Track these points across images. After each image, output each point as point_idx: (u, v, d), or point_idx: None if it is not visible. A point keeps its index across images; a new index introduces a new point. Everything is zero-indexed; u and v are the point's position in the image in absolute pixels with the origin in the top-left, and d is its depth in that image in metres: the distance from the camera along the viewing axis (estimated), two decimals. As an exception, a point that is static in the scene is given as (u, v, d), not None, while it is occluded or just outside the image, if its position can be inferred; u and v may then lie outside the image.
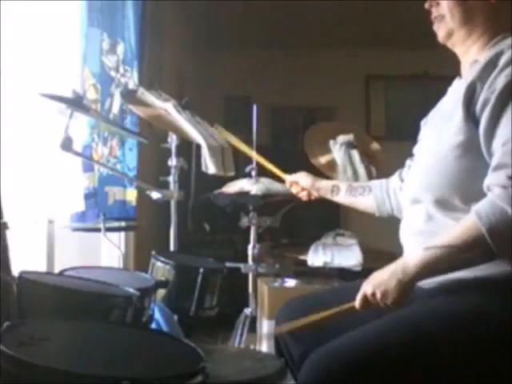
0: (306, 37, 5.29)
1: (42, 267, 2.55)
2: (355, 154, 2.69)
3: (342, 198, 1.87)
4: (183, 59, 4.98)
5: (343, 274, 2.60)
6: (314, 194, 1.99)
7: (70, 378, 0.95)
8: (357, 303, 1.36)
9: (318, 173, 2.74)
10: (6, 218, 1.60)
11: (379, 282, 1.32)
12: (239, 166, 2.61)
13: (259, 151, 2.59)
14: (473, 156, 1.31)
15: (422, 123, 1.60)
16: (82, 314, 1.33)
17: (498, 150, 1.25)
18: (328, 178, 2.73)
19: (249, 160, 2.56)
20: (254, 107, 2.63)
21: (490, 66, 1.30)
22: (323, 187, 1.93)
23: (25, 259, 2.26)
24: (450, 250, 1.24)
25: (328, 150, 2.74)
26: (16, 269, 1.51)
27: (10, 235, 1.60)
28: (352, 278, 2.41)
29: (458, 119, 1.33)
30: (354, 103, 5.83)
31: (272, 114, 5.81)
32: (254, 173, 2.55)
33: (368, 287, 1.34)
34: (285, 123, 5.96)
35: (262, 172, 2.59)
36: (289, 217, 2.62)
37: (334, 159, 2.73)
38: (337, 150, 2.71)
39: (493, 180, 1.24)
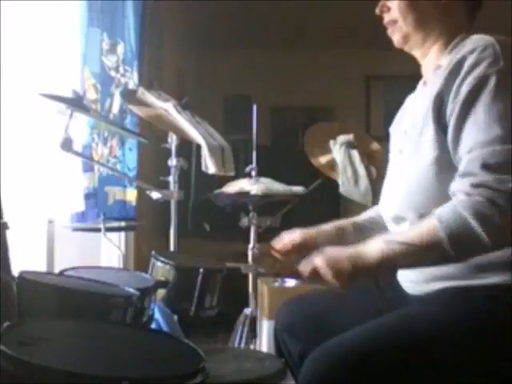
0: (306, 37, 5.29)
1: (42, 267, 2.55)
2: (355, 153, 2.69)
3: (350, 240, 1.52)
4: (183, 59, 4.98)
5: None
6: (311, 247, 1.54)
7: (70, 377, 0.95)
8: (305, 271, 1.35)
9: (318, 173, 2.74)
10: (5, 218, 1.60)
11: (334, 260, 1.30)
12: (239, 166, 2.61)
13: (259, 151, 2.59)
14: (450, 170, 1.29)
15: (392, 130, 1.58)
16: (82, 314, 1.33)
17: (464, 157, 1.24)
18: (327, 178, 2.74)
19: (249, 160, 2.57)
20: (254, 107, 2.63)
21: (453, 74, 1.29)
22: (327, 237, 1.61)
23: (25, 259, 2.26)
24: (408, 248, 1.23)
25: (328, 150, 2.74)
26: (16, 269, 1.51)
27: (9, 235, 1.60)
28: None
29: (430, 134, 1.31)
30: (354, 103, 5.83)
31: (272, 114, 5.80)
32: (253, 173, 2.55)
33: (322, 262, 1.31)
34: (285, 123, 5.96)
35: (262, 172, 2.59)
36: (289, 217, 2.62)
37: (334, 159, 2.73)
38: (337, 150, 2.72)
39: (458, 186, 1.23)
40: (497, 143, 1.20)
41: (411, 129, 1.40)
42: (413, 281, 1.41)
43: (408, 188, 1.39)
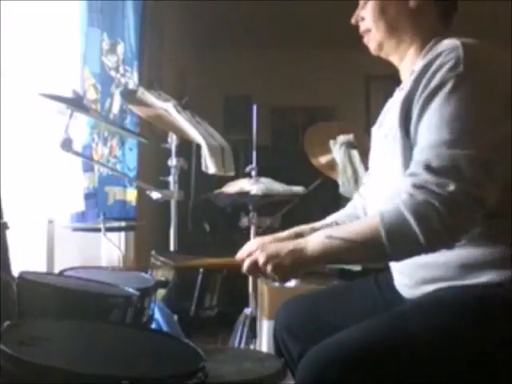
0: (306, 37, 5.30)
1: (42, 267, 2.55)
2: (355, 154, 2.69)
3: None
4: (183, 59, 4.98)
5: (343, 273, 2.59)
6: None
7: (70, 377, 0.95)
8: (245, 266, 1.36)
9: (318, 173, 2.75)
10: (6, 218, 1.60)
11: (275, 254, 1.31)
12: (239, 166, 2.61)
13: (259, 151, 2.59)
14: None
15: (373, 130, 1.58)
16: (82, 314, 1.33)
17: (414, 156, 1.26)
18: (327, 178, 2.74)
19: (249, 160, 2.57)
20: (254, 107, 2.64)
21: (420, 79, 1.29)
22: (281, 241, 1.54)
23: (25, 259, 2.26)
24: (348, 244, 1.24)
25: (328, 150, 2.74)
26: (16, 269, 1.52)
27: (10, 235, 1.60)
28: (352, 278, 2.41)
29: (399, 138, 1.32)
30: (354, 103, 5.83)
31: (272, 113, 5.81)
32: (253, 173, 2.55)
33: (262, 256, 1.32)
34: (285, 123, 5.96)
35: (262, 172, 2.59)
36: (289, 217, 2.62)
37: (333, 159, 2.73)
38: (337, 150, 2.72)
39: (402, 186, 1.24)
40: (443, 147, 1.20)
41: (389, 134, 1.40)
42: (406, 284, 1.42)
43: (389, 192, 1.39)
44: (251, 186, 2.48)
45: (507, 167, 1.23)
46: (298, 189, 2.52)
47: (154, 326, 1.76)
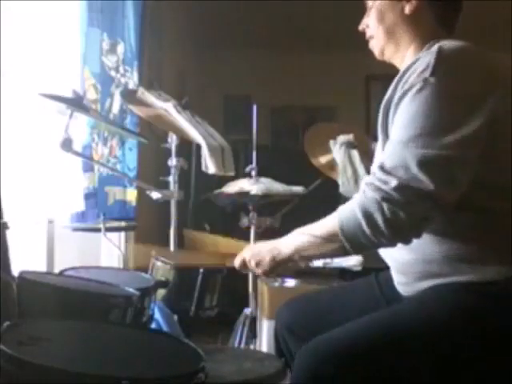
0: (306, 37, 5.29)
1: (42, 267, 2.55)
2: (355, 153, 2.68)
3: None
4: (183, 59, 4.98)
5: (343, 273, 2.59)
6: None
7: (70, 377, 0.95)
8: (236, 263, 1.55)
9: (318, 173, 2.74)
10: (6, 218, 1.60)
11: (257, 252, 1.49)
12: (239, 166, 2.61)
13: (259, 151, 2.59)
14: None
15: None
16: (82, 314, 1.33)
17: (383, 152, 1.31)
18: (327, 178, 2.74)
19: (249, 160, 2.57)
20: (254, 107, 2.63)
21: (398, 83, 1.34)
22: None
23: (25, 259, 2.26)
24: (313, 240, 1.35)
25: (328, 150, 2.74)
26: (16, 269, 1.51)
27: (10, 235, 1.60)
28: (352, 277, 2.40)
29: (381, 139, 1.38)
30: (354, 103, 5.83)
31: (272, 113, 5.81)
32: (253, 173, 2.55)
33: (247, 253, 1.51)
34: (285, 123, 5.96)
35: (262, 172, 2.59)
36: (289, 217, 2.62)
37: (333, 159, 2.73)
38: (337, 150, 2.71)
39: (362, 183, 1.30)
40: (398, 146, 1.25)
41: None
42: (402, 282, 1.43)
43: None
44: (251, 185, 2.48)
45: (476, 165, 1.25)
46: (298, 189, 2.52)
47: (153, 325, 1.76)
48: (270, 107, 5.69)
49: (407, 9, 1.47)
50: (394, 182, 1.21)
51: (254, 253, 1.50)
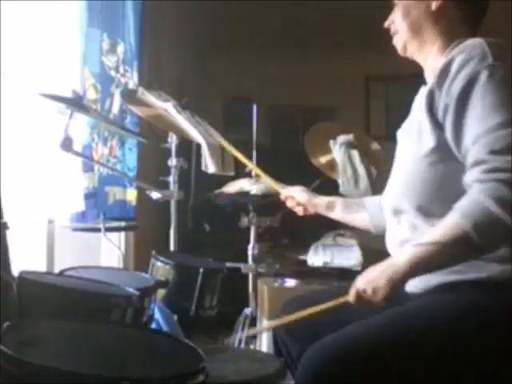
0: (306, 37, 5.29)
1: (42, 267, 2.55)
2: (355, 153, 2.69)
3: (337, 214, 1.83)
4: (183, 59, 4.98)
5: (343, 274, 2.60)
6: (310, 210, 1.92)
7: (70, 377, 0.95)
8: (350, 298, 1.38)
9: (318, 173, 2.74)
10: (6, 218, 1.60)
11: (370, 279, 1.33)
12: (239, 166, 2.61)
13: (259, 151, 2.59)
14: (445, 161, 1.35)
15: (399, 135, 1.61)
16: (82, 314, 1.33)
17: (471, 148, 1.28)
18: (327, 178, 2.74)
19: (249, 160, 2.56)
20: (254, 107, 2.64)
21: (444, 73, 1.34)
22: (319, 204, 1.87)
23: (25, 259, 2.26)
24: (437, 247, 1.25)
25: (328, 150, 2.74)
26: (16, 269, 1.51)
27: (10, 235, 1.60)
28: (352, 278, 2.40)
29: (425, 127, 1.37)
30: (355, 103, 5.82)
31: (272, 113, 5.80)
32: (254, 173, 2.55)
33: (360, 283, 1.36)
34: (285, 123, 5.95)
35: (262, 172, 2.59)
36: (289, 217, 2.62)
37: (334, 159, 2.73)
38: (337, 150, 2.71)
39: (470, 177, 1.27)
40: (498, 129, 1.24)
41: (411, 126, 1.46)
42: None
43: (404, 180, 1.45)
44: (251, 186, 2.48)
45: None
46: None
47: (154, 325, 1.76)
48: (270, 107, 5.69)
49: (433, 5, 1.47)
50: None
51: (367, 280, 1.34)
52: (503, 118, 1.24)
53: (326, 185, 2.78)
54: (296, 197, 1.93)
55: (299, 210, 1.95)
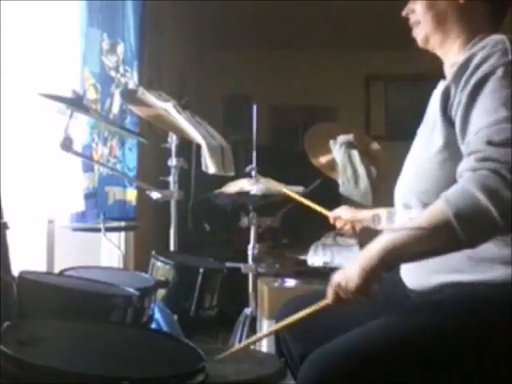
0: (306, 37, 5.29)
1: (42, 267, 2.55)
2: (355, 153, 2.69)
3: (384, 226, 1.80)
4: (183, 59, 4.98)
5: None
6: (358, 226, 1.92)
7: (70, 377, 0.95)
8: (328, 297, 1.32)
9: (318, 173, 2.74)
10: (6, 218, 1.60)
11: (343, 272, 1.28)
12: (239, 166, 2.61)
13: (259, 151, 2.59)
14: (455, 160, 1.30)
15: (418, 133, 1.60)
16: (82, 314, 1.33)
17: (471, 139, 1.25)
18: (327, 178, 2.74)
19: (249, 160, 2.57)
20: (254, 107, 2.63)
21: (463, 69, 1.31)
22: (364, 218, 1.87)
23: (25, 259, 2.26)
24: (415, 233, 1.18)
25: (328, 150, 2.74)
26: (16, 269, 1.51)
27: (10, 235, 1.60)
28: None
29: (438, 124, 1.35)
30: (354, 103, 5.83)
31: (272, 113, 5.80)
32: (253, 173, 2.55)
33: (335, 278, 1.29)
34: (285, 123, 5.96)
35: (262, 172, 2.59)
36: (289, 217, 2.62)
37: (334, 159, 2.73)
38: (337, 150, 2.71)
39: (463, 166, 1.22)
40: (502, 123, 1.20)
41: (427, 121, 1.44)
42: (413, 274, 1.41)
43: (413, 176, 1.43)
44: (251, 186, 2.48)
45: None
46: (298, 189, 2.52)
47: (154, 325, 1.76)
48: (270, 107, 5.69)
49: None
50: None
51: (341, 273, 1.28)
52: (509, 113, 1.21)
53: (326, 185, 2.78)
54: (342, 216, 1.96)
55: (349, 229, 1.95)
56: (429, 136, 1.39)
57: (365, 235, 1.90)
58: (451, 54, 1.48)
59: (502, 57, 1.27)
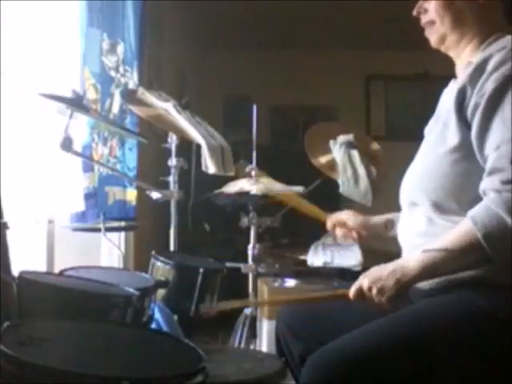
0: (306, 37, 5.29)
1: (42, 267, 2.55)
2: (355, 153, 2.69)
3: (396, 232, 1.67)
4: (183, 59, 4.98)
5: (343, 274, 2.59)
6: (363, 234, 1.76)
7: (70, 377, 0.95)
8: (351, 293, 1.37)
9: (318, 173, 2.74)
10: (5, 218, 1.60)
11: (377, 278, 1.32)
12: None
13: (259, 151, 2.59)
14: (467, 160, 1.32)
15: (426, 132, 1.60)
16: (82, 314, 1.33)
17: (492, 154, 1.26)
18: (327, 178, 2.74)
19: (249, 160, 2.56)
20: (254, 107, 2.63)
21: (479, 70, 1.30)
22: (376, 224, 1.73)
23: (25, 259, 2.26)
24: (447, 254, 1.25)
25: (328, 150, 2.74)
26: (16, 269, 1.51)
27: (10, 235, 1.60)
28: (352, 278, 2.40)
29: (452, 124, 1.34)
30: (354, 103, 5.83)
31: (272, 113, 5.81)
32: (253, 173, 2.55)
33: (365, 281, 1.34)
34: (285, 123, 5.96)
35: (262, 172, 2.59)
36: (289, 217, 2.62)
37: (333, 159, 2.73)
38: (337, 150, 2.71)
39: (487, 185, 1.25)
40: None
41: (437, 120, 1.43)
42: None
43: (423, 174, 1.42)
44: (251, 186, 2.48)
45: None
46: (298, 189, 2.51)
47: (154, 325, 1.76)
48: (270, 107, 5.69)
49: None
50: None
51: (374, 278, 1.33)
52: None
53: (326, 185, 2.78)
54: (348, 222, 1.77)
55: (352, 237, 1.78)
56: (441, 135, 1.37)
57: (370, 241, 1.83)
58: (464, 53, 1.46)
59: None
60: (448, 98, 1.42)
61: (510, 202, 1.19)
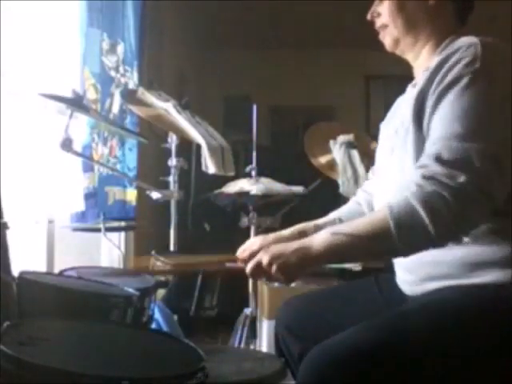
0: (305, 37, 5.30)
1: (42, 267, 2.55)
2: (355, 153, 2.69)
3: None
4: (183, 59, 4.98)
5: (343, 273, 2.60)
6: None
7: (70, 377, 0.95)
8: (248, 268, 1.32)
9: (318, 173, 2.75)
10: (6, 218, 1.60)
11: (279, 254, 1.28)
12: (239, 166, 2.61)
13: (259, 151, 2.59)
14: None
15: (382, 126, 1.58)
16: (82, 314, 1.33)
17: (426, 149, 1.25)
18: (327, 178, 2.74)
19: (249, 160, 2.57)
20: (254, 107, 2.64)
21: (435, 74, 1.29)
22: (285, 240, 1.55)
23: (25, 259, 2.26)
24: (355, 239, 1.22)
25: (328, 150, 2.74)
26: (16, 269, 1.51)
27: (10, 235, 1.60)
28: (352, 277, 2.41)
29: (412, 133, 1.33)
30: (354, 103, 5.83)
31: (272, 114, 5.81)
32: (253, 173, 2.55)
33: (265, 256, 1.29)
34: (284, 123, 5.96)
35: (262, 172, 2.59)
36: (289, 217, 2.62)
37: (333, 159, 2.73)
38: (337, 150, 2.72)
39: (412, 177, 1.23)
40: (455, 140, 1.20)
41: (400, 129, 1.40)
42: (409, 281, 1.42)
43: (396, 187, 1.38)
44: (251, 185, 2.48)
45: None
46: (298, 189, 2.52)
47: (154, 325, 1.76)
48: (270, 107, 5.69)
49: (431, 1, 1.42)
50: (462, 178, 1.16)
51: (275, 255, 1.28)
52: (464, 130, 1.20)
53: (326, 185, 2.79)
54: (252, 247, 1.51)
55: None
56: (405, 145, 1.35)
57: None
58: (421, 57, 1.46)
59: (469, 65, 1.25)
60: (408, 104, 1.38)
61: (427, 197, 1.17)
